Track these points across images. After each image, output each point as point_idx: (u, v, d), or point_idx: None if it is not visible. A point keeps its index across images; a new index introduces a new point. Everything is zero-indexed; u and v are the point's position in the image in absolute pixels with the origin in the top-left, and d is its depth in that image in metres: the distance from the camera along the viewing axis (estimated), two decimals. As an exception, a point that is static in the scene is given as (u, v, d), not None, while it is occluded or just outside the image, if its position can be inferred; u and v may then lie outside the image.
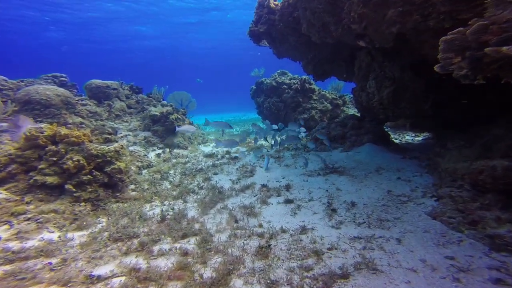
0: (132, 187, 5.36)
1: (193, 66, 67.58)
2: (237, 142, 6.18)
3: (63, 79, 10.46)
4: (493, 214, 3.08)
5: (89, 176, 4.41)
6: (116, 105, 9.86)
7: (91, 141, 4.82)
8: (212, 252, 3.09)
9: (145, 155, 7.56)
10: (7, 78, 8.89)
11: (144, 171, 6.49)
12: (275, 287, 2.48)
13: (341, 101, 12.49)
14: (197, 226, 3.77)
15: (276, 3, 7.94)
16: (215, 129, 13.79)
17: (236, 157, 7.47)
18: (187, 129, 6.44)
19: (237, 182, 5.64)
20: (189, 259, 2.95)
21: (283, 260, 2.89)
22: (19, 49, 40.86)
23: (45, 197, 4.03)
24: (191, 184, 5.69)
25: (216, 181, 5.78)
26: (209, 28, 34.02)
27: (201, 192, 5.22)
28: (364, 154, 6.34)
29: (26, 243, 3.30)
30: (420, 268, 2.64)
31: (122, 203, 4.61)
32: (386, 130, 7.97)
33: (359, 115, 8.48)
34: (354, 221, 3.68)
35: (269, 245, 3.14)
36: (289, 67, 13.06)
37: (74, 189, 4.21)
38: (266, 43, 8.95)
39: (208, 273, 2.72)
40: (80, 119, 8.19)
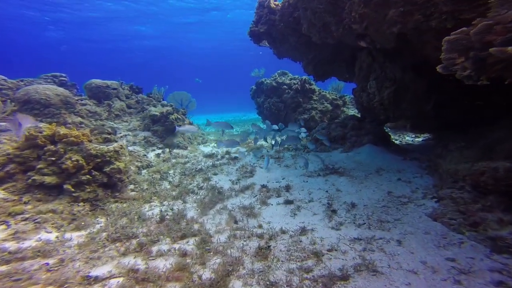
0: (131, 187, 5.34)
1: (193, 66, 67.60)
2: (238, 142, 6.16)
3: (63, 78, 10.43)
4: (495, 216, 3.06)
5: (88, 176, 4.38)
6: (116, 105, 9.84)
7: (90, 141, 4.80)
8: (211, 253, 3.07)
9: (145, 155, 7.53)
10: (6, 78, 8.87)
11: (144, 171, 6.47)
12: (274, 289, 2.46)
13: (341, 101, 12.47)
14: (196, 226, 3.75)
15: (277, 3, 7.92)
16: (214, 129, 13.78)
17: (236, 158, 7.45)
18: (188, 129, 6.42)
19: (236, 183, 5.62)
20: (188, 260, 2.93)
21: (282, 261, 2.88)
22: (18, 49, 40.86)
23: (43, 197, 4.01)
24: (190, 184, 5.67)
25: (216, 182, 5.76)
26: (209, 28, 34.02)
27: (201, 192, 5.20)
28: (364, 155, 6.32)
29: (23, 243, 3.27)
30: (421, 270, 2.62)
31: (121, 203, 4.59)
32: (386, 130, 7.94)
33: (359, 115, 8.46)
34: (354, 222, 3.66)
35: (269, 246, 3.12)
36: (289, 67, 13.03)
37: (72, 189, 4.18)
38: (267, 43, 8.93)
39: (207, 274, 2.70)
40: (79, 118, 8.17)
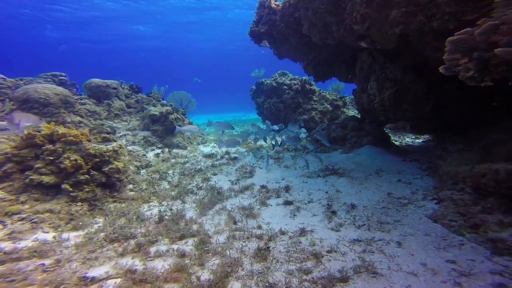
0: (130, 187, 5.31)
1: (193, 66, 67.65)
2: (238, 142, 6.14)
3: (63, 78, 10.40)
4: (495, 217, 3.04)
5: (86, 176, 4.36)
6: (115, 105, 9.81)
7: (89, 141, 4.77)
8: (210, 254, 3.04)
9: (144, 154, 7.50)
10: (5, 77, 8.83)
11: (143, 171, 6.44)
12: (273, 290, 2.44)
13: (341, 102, 12.46)
14: (195, 227, 3.72)
15: (277, 3, 7.91)
16: (214, 129, 13.78)
17: (235, 158, 7.43)
18: (190, 129, 6.39)
19: (236, 183, 5.60)
20: (187, 261, 2.91)
21: (282, 262, 2.85)
22: (18, 48, 40.77)
23: (41, 196, 3.98)
24: (189, 184, 5.65)
25: (215, 182, 5.73)
26: (209, 28, 34.01)
27: (200, 192, 5.17)
28: (364, 156, 6.30)
29: (19, 243, 3.24)
30: (421, 272, 2.60)
31: (119, 203, 4.56)
32: (386, 132, 7.93)
33: (359, 116, 8.44)
34: (354, 224, 3.64)
35: (268, 247, 3.10)
36: (289, 67, 13.03)
37: (71, 189, 4.16)
38: (267, 43, 8.92)
39: (205, 275, 2.68)
40: (79, 118, 8.14)
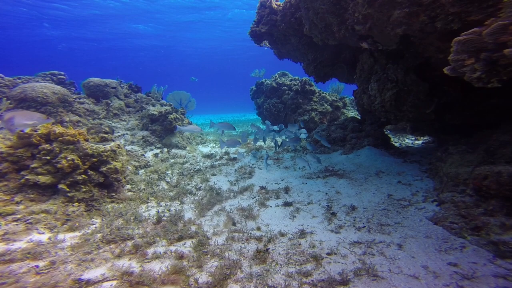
0: (128, 187, 5.26)
1: (193, 65, 67.62)
2: (239, 141, 6.11)
3: (61, 77, 10.35)
4: (497, 220, 3.00)
5: (83, 176, 4.30)
6: (114, 104, 9.76)
7: (86, 140, 4.72)
8: (209, 256, 3.00)
9: (143, 154, 7.45)
10: (3, 75, 8.77)
11: (141, 171, 6.39)
12: (272, 293, 2.40)
13: (341, 103, 12.44)
14: (193, 228, 3.68)
15: (278, 3, 7.89)
16: (213, 130, 13.77)
17: (235, 158, 7.39)
18: (191, 129, 6.34)
19: (235, 184, 5.55)
20: (185, 263, 2.86)
21: (281, 265, 2.81)
22: (16, 47, 40.61)
23: (36, 197, 3.92)
24: (188, 185, 5.60)
25: (214, 182, 5.69)
26: (209, 28, 33.99)
27: (199, 193, 5.12)
28: (364, 157, 6.27)
29: (12, 245, 3.17)
30: (423, 275, 2.56)
31: (117, 203, 4.51)
32: (386, 133, 7.90)
33: (359, 117, 8.42)
34: (354, 226, 3.60)
35: (267, 249, 3.06)
36: (290, 68, 13.07)
37: (67, 189, 4.10)
38: (267, 43, 8.90)
39: (203, 277, 2.63)
40: (77, 117, 8.09)
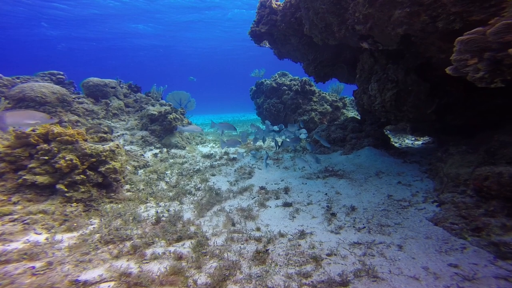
0: (127, 187, 5.24)
1: (193, 65, 67.55)
2: (239, 141, 6.10)
3: (60, 76, 10.31)
4: (498, 221, 2.99)
5: (82, 176, 4.28)
6: (113, 104, 9.73)
7: (85, 140, 4.69)
8: (208, 257, 2.98)
9: (142, 154, 7.43)
10: (2, 75, 8.74)
11: (140, 171, 6.37)
12: (272, 295, 2.38)
13: (341, 103, 12.43)
14: (192, 228, 3.66)
15: (278, 3, 7.87)
16: (213, 130, 13.76)
17: (234, 158, 7.37)
18: (191, 129, 6.33)
19: (235, 184, 5.53)
20: (183, 264, 2.84)
21: (281, 266, 2.79)
22: (15, 46, 40.54)
23: (34, 197, 3.89)
24: (188, 185, 5.58)
25: (214, 183, 5.67)
26: (209, 28, 33.98)
27: (198, 193, 5.10)
28: (364, 158, 6.25)
29: (8, 245, 3.14)
30: (423, 276, 2.54)
31: (116, 204, 4.49)
32: (386, 133, 7.88)
33: (359, 117, 8.40)
34: (354, 226, 3.58)
35: (267, 250, 3.04)
36: (290, 68, 13.05)
37: (66, 189, 4.07)
38: (267, 43, 8.88)
39: (202, 278, 2.61)
40: (76, 117, 8.06)
